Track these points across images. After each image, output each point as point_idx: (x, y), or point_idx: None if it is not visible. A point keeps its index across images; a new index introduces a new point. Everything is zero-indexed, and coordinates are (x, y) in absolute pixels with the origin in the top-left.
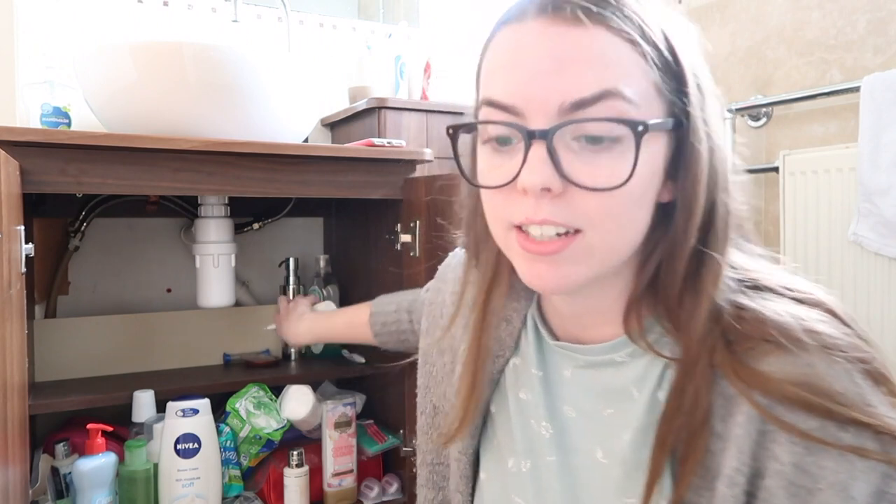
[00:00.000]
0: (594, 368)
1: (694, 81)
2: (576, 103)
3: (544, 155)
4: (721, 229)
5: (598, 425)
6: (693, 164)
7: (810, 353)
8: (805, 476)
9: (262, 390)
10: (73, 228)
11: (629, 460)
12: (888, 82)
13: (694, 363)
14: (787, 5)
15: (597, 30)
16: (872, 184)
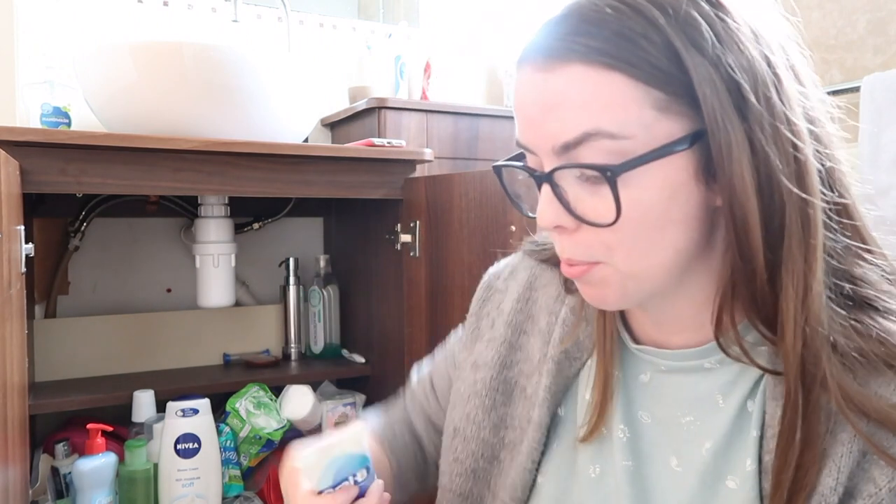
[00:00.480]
0: (678, 374)
1: (710, 77)
2: (563, 146)
3: (549, 195)
4: (795, 233)
5: (675, 432)
6: (725, 166)
7: None
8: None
9: (262, 390)
10: (73, 228)
11: (708, 470)
12: (888, 82)
13: (805, 395)
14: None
15: (572, 69)
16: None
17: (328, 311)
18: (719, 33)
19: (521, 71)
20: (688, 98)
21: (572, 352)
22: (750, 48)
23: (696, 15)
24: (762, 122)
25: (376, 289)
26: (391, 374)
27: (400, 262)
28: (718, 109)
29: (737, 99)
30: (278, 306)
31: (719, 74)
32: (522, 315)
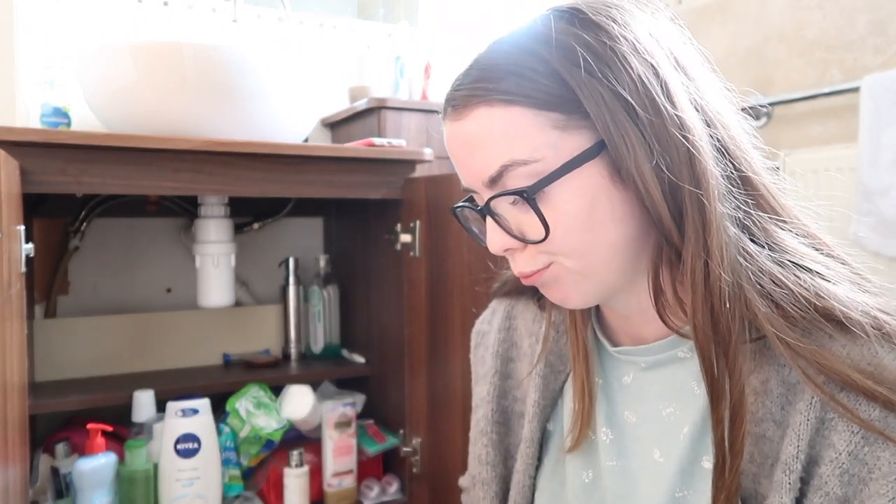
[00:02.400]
0: (656, 368)
1: (596, 92)
2: (490, 181)
3: (493, 224)
4: (691, 215)
5: (657, 426)
6: (626, 167)
7: (873, 341)
8: (860, 465)
9: (262, 390)
10: (73, 228)
11: (685, 455)
12: (888, 82)
13: (723, 345)
14: (787, 5)
15: (478, 112)
16: (872, 184)
17: (328, 311)
18: (598, 53)
19: (444, 125)
20: (583, 114)
21: (556, 365)
22: (631, 60)
23: (573, 43)
24: (651, 124)
25: (376, 289)
26: (391, 374)
27: (400, 262)
28: (609, 119)
29: (625, 107)
30: (278, 306)
31: (604, 88)
32: (507, 343)
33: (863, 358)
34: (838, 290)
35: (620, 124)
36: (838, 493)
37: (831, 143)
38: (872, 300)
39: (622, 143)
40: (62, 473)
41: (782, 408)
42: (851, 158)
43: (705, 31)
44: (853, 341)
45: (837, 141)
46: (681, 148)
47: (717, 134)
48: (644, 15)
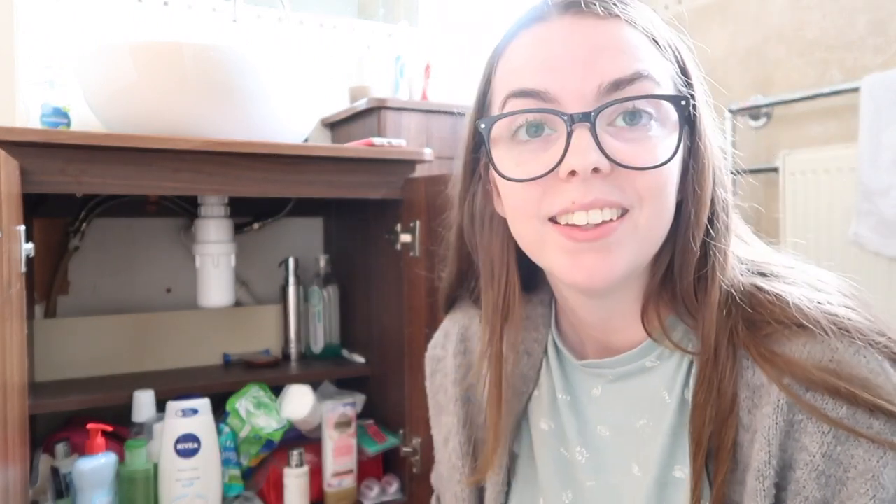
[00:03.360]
0: (625, 380)
1: (697, 79)
2: (614, 83)
3: (588, 137)
4: (723, 220)
5: (632, 439)
6: (702, 156)
7: (833, 338)
8: (835, 465)
9: (262, 390)
10: (73, 228)
11: (661, 466)
12: (888, 82)
13: (714, 352)
14: (787, 5)
15: (623, 23)
16: (872, 184)
17: (328, 311)
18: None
19: (550, 23)
20: (683, 84)
21: (518, 386)
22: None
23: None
24: (709, 126)
25: (376, 289)
26: (391, 374)
27: (400, 262)
28: (704, 106)
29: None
30: (278, 306)
31: (699, 80)
32: (464, 368)
33: (824, 355)
34: (795, 291)
35: (707, 114)
36: (817, 496)
37: (831, 143)
38: (833, 298)
39: (706, 130)
40: (62, 473)
41: (749, 412)
42: (851, 158)
43: (705, 31)
44: (813, 339)
45: (837, 141)
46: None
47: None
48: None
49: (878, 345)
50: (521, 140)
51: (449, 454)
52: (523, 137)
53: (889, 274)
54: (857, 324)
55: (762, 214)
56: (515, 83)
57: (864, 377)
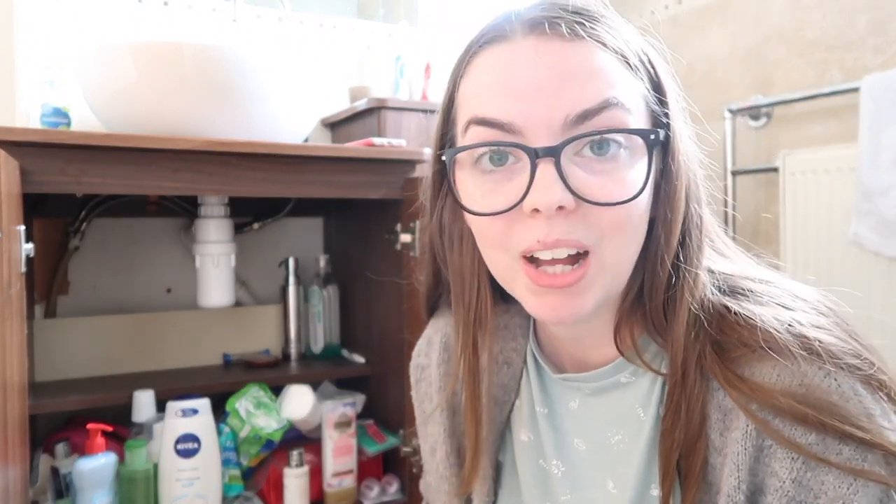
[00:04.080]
0: (600, 395)
1: (672, 94)
2: (582, 114)
3: (553, 173)
4: (696, 239)
5: (607, 455)
6: (674, 178)
7: (802, 362)
8: (805, 491)
9: (262, 390)
10: (73, 228)
11: (639, 484)
12: (888, 82)
13: (682, 375)
14: (787, 5)
15: (591, 45)
16: (872, 184)
17: (328, 311)
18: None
19: (515, 44)
20: (655, 101)
21: (499, 396)
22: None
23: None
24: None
25: (376, 289)
26: (391, 374)
27: (400, 262)
28: (679, 122)
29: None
30: (278, 306)
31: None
32: (448, 377)
33: (793, 380)
34: (766, 312)
35: (682, 129)
36: None
37: (831, 143)
38: (806, 317)
39: (680, 146)
40: (62, 473)
41: (721, 434)
42: (851, 158)
43: (705, 31)
44: (781, 363)
45: (837, 141)
46: (695, 169)
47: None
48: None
49: (849, 367)
50: (486, 169)
51: (437, 464)
52: (487, 166)
53: (889, 274)
54: (828, 346)
55: (762, 214)
56: (478, 110)
57: (833, 402)
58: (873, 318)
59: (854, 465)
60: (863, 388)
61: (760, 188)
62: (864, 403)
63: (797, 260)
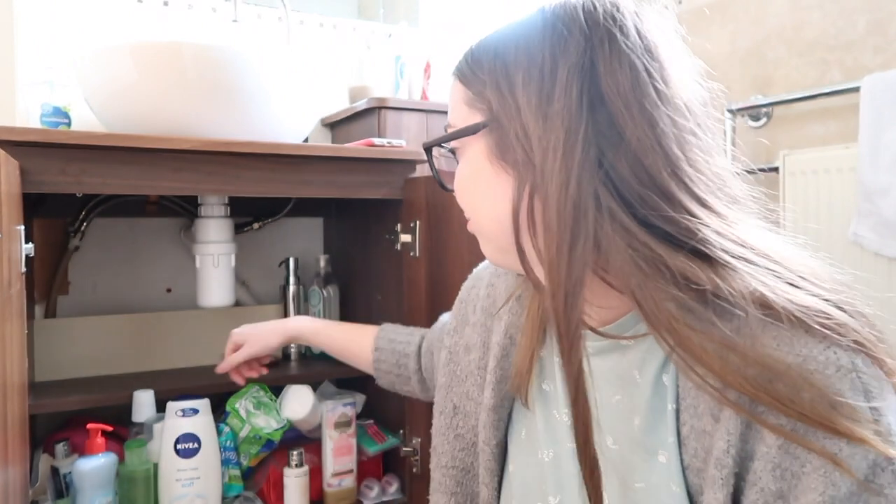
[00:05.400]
0: (603, 355)
1: (494, 88)
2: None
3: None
4: (607, 214)
5: (608, 413)
6: (508, 151)
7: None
8: (791, 459)
9: (262, 390)
10: (73, 228)
11: (642, 446)
12: (888, 82)
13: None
14: (787, 5)
15: (456, 80)
16: (872, 184)
17: (328, 311)
18: (523, 52)
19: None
20: (485, 97)
21: (516, 337)
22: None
23: (510, 39)
24: (523, 114)
25: (376, 289)
26: None
27: (400, 262)
28: (497, 105)
29: (527, 98)
30: (278, 306)
31: (504, 79)
32: (489, 300)
33: (791, 350)
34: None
35: (512, 113)
36: (772, 487)
37: (831, 143)
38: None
39: (510, 129)
40: (62, 473)
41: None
42: (851, 158)
43: (705, 31)
44: (786, 333)
45: (837, 141)
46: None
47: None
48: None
49: (846, 340)
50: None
51: (469, 361)
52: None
53: (889, 274)
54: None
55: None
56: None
57: (828, 375)
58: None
59: (831, 452)
60: (862, 361)
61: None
62: (862, 380)
63: None
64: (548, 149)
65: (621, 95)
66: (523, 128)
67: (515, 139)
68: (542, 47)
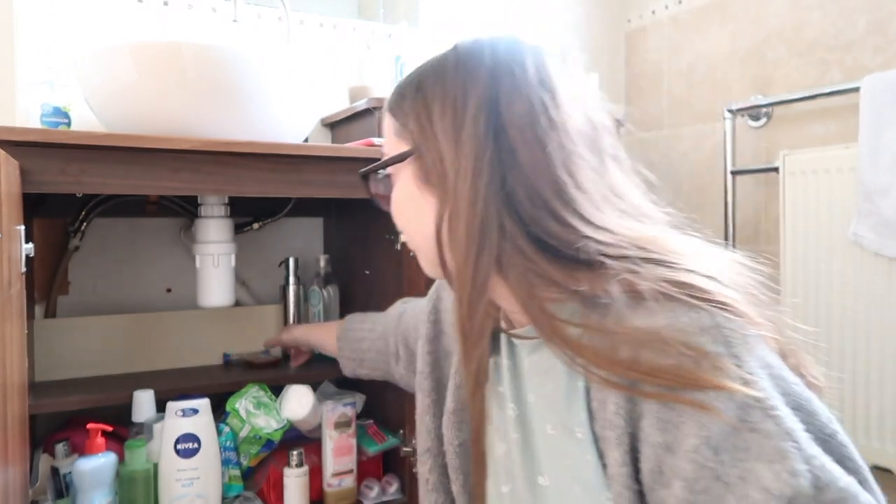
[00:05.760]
0: (535, 353)
1: (416, 120)
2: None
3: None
4: (510, 224)
5: (547, 403)
6: (431, 176)
7: (665, 307)
8: (670, 411)
9: (262, 390)
10: (73, 228)
11: (567, 427)
12: (888, 82)
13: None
14: (787, 5)
15: (387, 114)
16: (872, 184)
17: (328, 311)
18: (440, 84)
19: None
20: (409, 128)
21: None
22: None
23: (428, 73)
24: (441, 143)
25: (376, 289)
26: None
27: (400, 262)
28: (418, 135)
29: (443, 128)
30: (278, 306)
31: (424, 109)
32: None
33: (658, 319)
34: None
35: (431, 142)
36: (659, 440)
37: (831, 143)
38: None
39: (429, 156)
40: (62, 473)
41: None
42: (851, 158)
43: (705, 31)
44: (654, 307)
45: (837, 141)
46: (464, 158)
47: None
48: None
49: (708, 303)
50: None
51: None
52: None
53: (889, 274)
54: (696, 288)
55: (762, 214)
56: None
57: (690, 333)
58: (873, 318)
59: (704, 401)
60: (723, 319)
61: (760, 188)
62: (723, 333)
63: (797, 260)
64: (459, 172)
65: (518, 125)
66: (440, 154)
67: (433, 165)
68: (455, 82)
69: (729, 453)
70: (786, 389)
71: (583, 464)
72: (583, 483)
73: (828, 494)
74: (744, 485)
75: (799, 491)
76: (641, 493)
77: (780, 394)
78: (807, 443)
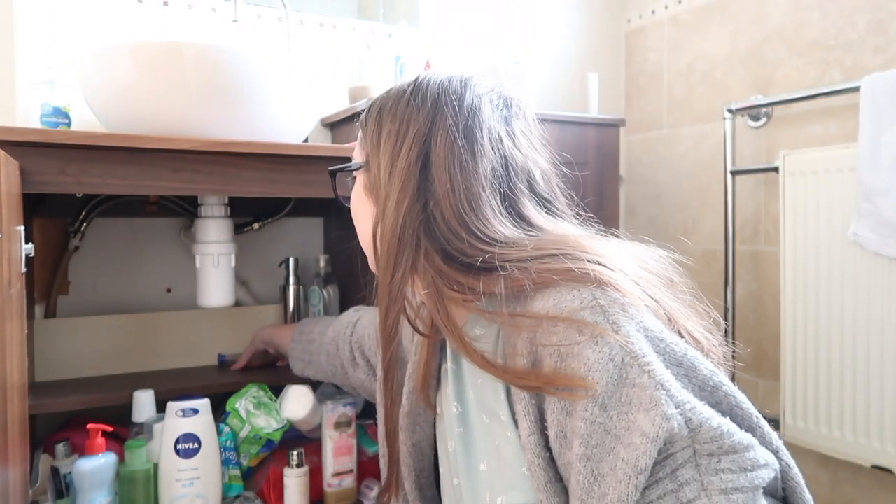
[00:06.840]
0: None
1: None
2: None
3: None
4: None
5: (480, 395)
6: (373, 187)
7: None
8: (564, 347)
9: (262, 390)
10: (73, 228)
11: (493, 412)
12: (888, 82)
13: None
14: (787, 5)
15: (359, 124)
16: (872, 184)
17: (328, 311)
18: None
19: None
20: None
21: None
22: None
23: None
24: (381, 156)
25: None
26: None
27: None
28: (370, 148)
29: (388, 142)
30: (278, 306)
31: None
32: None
33: (544, 303)
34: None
35: (375, 161)
36: (559, 406)
37: (831, 143)
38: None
39: (373, 172)
40: (62, 473)
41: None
42: (851, 158)
43: (705, 31)
44: (549, 292)
45: (837, 141)
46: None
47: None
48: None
49: (588, 282)
50: None
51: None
52: None
53: (889, 274)
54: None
55: (762, 214)
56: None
57: (574, 309)
58: (873, 318)
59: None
60: (601, 294)
61: (760, 188)
62: (600, 304)
63: (797, 260)
64: (389, 194)
65: (437, 163)
66: (379, 174)
67: (374, 180)
68: (404, 114)
69: (615, 409)
70: (662, 349)
71: (505, 442)
72: (507, 461)
73: (702, 434)
74: (628, 434)
75: (673, 432)
76: (552, 459)
77: (655, 352)
78: (678, 390)
